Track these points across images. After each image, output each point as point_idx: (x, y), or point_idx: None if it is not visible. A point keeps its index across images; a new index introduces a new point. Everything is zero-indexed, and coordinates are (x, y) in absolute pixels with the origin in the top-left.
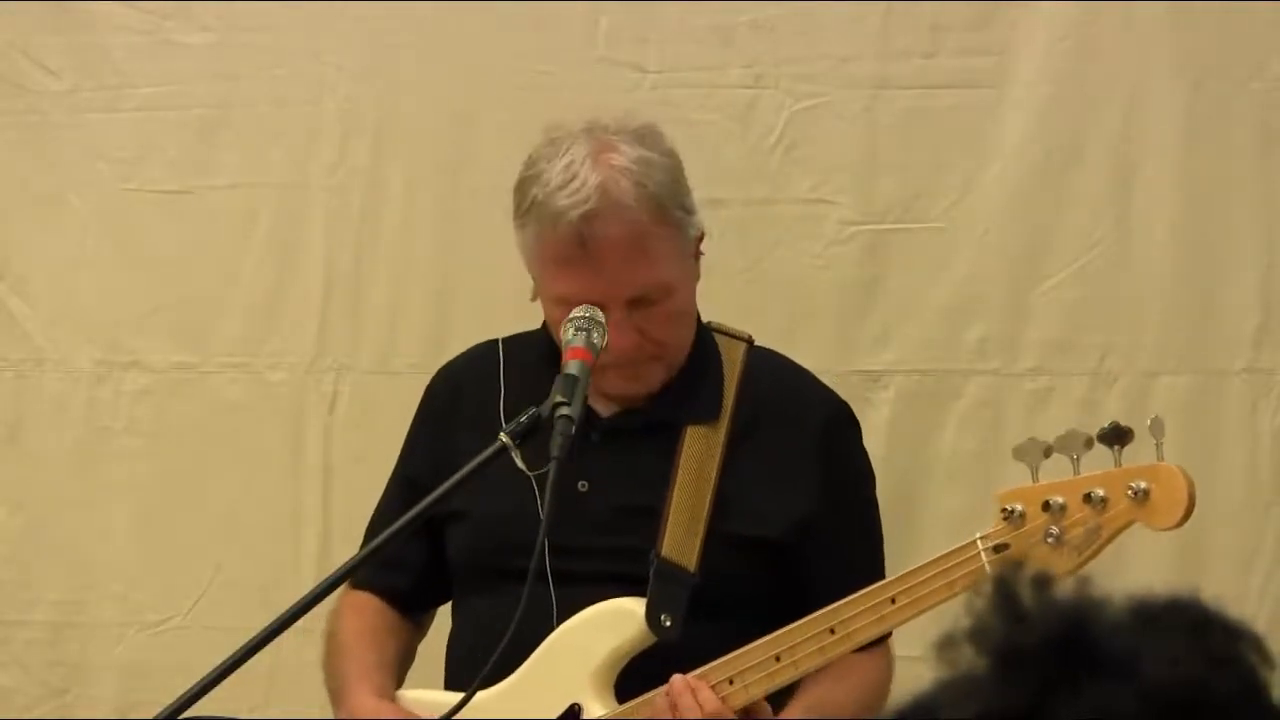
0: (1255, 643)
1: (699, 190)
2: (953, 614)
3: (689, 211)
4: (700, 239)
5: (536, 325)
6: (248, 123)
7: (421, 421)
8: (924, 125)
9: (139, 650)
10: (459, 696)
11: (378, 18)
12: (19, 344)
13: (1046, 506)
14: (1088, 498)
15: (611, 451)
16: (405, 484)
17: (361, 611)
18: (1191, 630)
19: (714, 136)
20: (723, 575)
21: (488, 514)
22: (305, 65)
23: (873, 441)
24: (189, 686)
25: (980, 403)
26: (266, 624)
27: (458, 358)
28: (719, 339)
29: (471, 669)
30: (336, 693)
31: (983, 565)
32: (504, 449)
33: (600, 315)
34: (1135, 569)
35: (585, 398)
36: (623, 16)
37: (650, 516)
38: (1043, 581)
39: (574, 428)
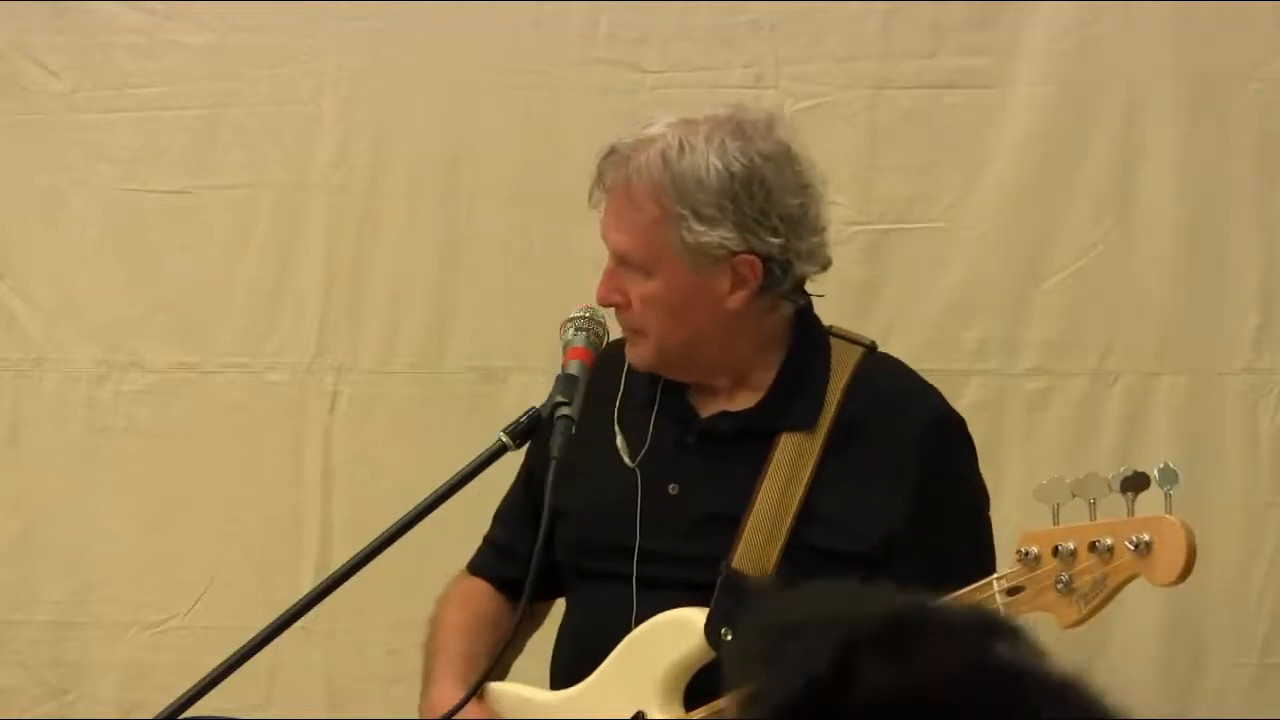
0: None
1: None
2: None
3: (700, 217)
4: (726, 257)
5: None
6: (248, 123)
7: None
8: (924, 125)
9: (139, 650)
10: (540, 694)
11: (377, 18)
12: (19, 344)
13: (1056, 552)
14: (1093, 546)
15: (704, 455)
16: (526, 477)
17: (467, 600)
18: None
19: None
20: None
21: (585, 510)
22: (305, 65)
23: None
24: (189, 686)
25: (980, 403)
26: (266, 624)
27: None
28: (835, 344)
29: (566, 666)
30: (424, 680)
31: (997, 608)
32: (503, 448)
33: (600, 315)
34: None
35: (585, 396)
36: (623, 16)
37: (732, 524)
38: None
39: (574, 427)
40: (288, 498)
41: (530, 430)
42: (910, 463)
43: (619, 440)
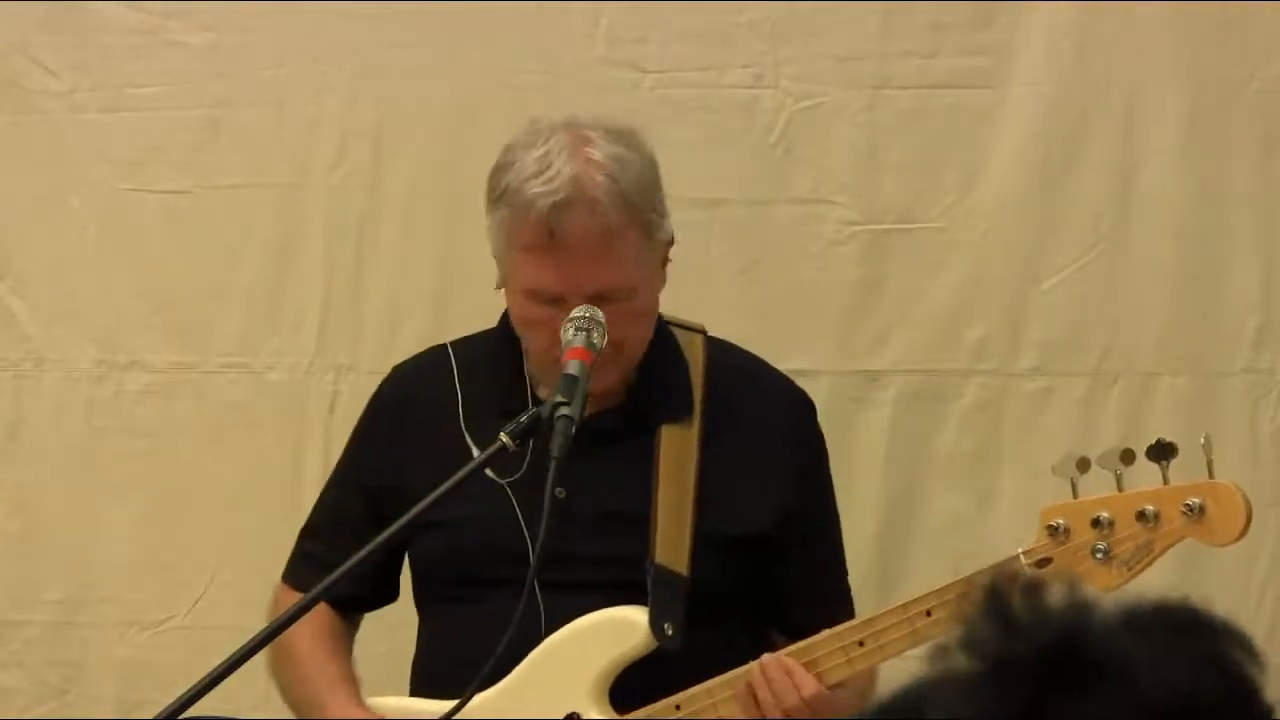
0: (1243, 641)
1: (699, 190)
2: None
3: (661, 215)
4: (669, 244)
5: None
6: (248, 123)
7: (370, 430)
8: (924, 125)
9: (139, 650)
10: (430, 704)
11: (377, 18)
12: (19, 344)
13: (1096, 523)
14: (1141, 515)
15: (587, 456)
16: (358, 490)
17: (310, 619)
18: (1179, 632)
19: (714, 136)
20: (713, 576)
21: (465, 520)
22: (305, 65)
23: (872, 442)
24: (189, 686)
25: (980, 403)
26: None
27: (404, 365)
28: (677, 333)
29: (451, 676)
30: (306, 703)
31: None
32: (503, 449)
33: (600, 315)
34: None
35: (585, 397)
36: (623, 16)
37: (636, 521)
38: (1033, 589)
39: (574, 427)
40: (288, 498)
41: (530, 430)
42: (787, 439)
43: (475, 453)
